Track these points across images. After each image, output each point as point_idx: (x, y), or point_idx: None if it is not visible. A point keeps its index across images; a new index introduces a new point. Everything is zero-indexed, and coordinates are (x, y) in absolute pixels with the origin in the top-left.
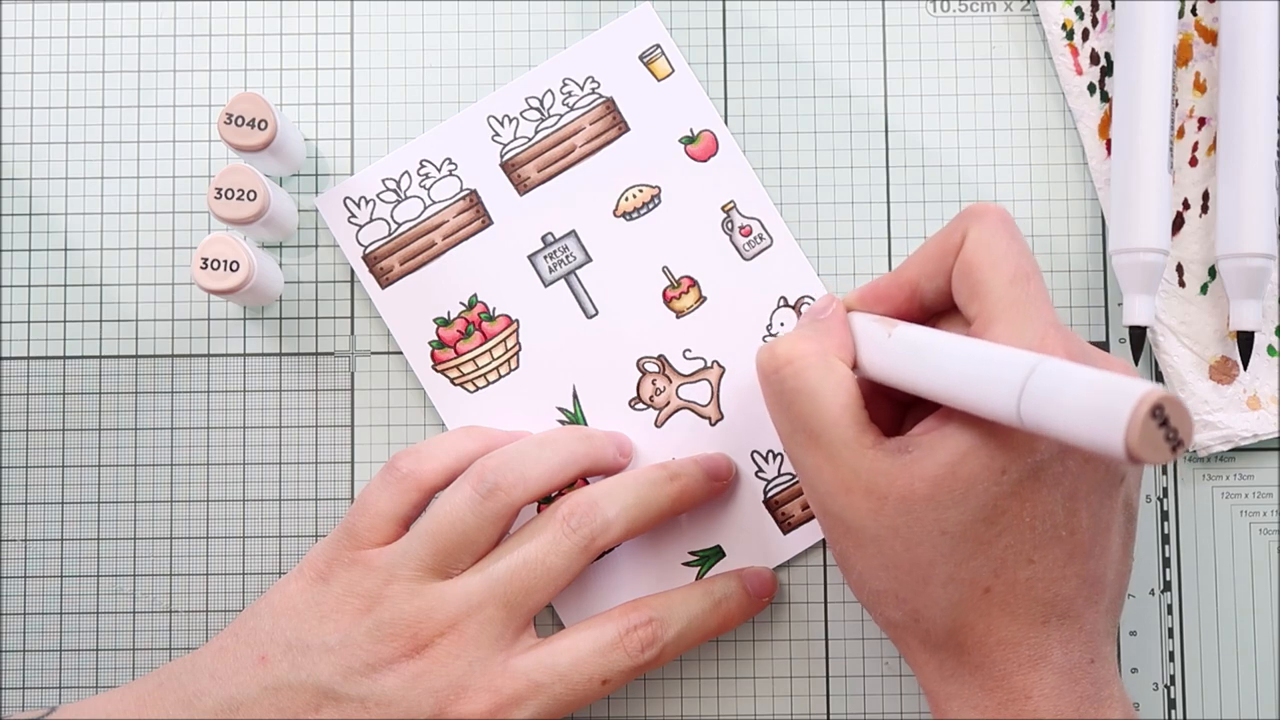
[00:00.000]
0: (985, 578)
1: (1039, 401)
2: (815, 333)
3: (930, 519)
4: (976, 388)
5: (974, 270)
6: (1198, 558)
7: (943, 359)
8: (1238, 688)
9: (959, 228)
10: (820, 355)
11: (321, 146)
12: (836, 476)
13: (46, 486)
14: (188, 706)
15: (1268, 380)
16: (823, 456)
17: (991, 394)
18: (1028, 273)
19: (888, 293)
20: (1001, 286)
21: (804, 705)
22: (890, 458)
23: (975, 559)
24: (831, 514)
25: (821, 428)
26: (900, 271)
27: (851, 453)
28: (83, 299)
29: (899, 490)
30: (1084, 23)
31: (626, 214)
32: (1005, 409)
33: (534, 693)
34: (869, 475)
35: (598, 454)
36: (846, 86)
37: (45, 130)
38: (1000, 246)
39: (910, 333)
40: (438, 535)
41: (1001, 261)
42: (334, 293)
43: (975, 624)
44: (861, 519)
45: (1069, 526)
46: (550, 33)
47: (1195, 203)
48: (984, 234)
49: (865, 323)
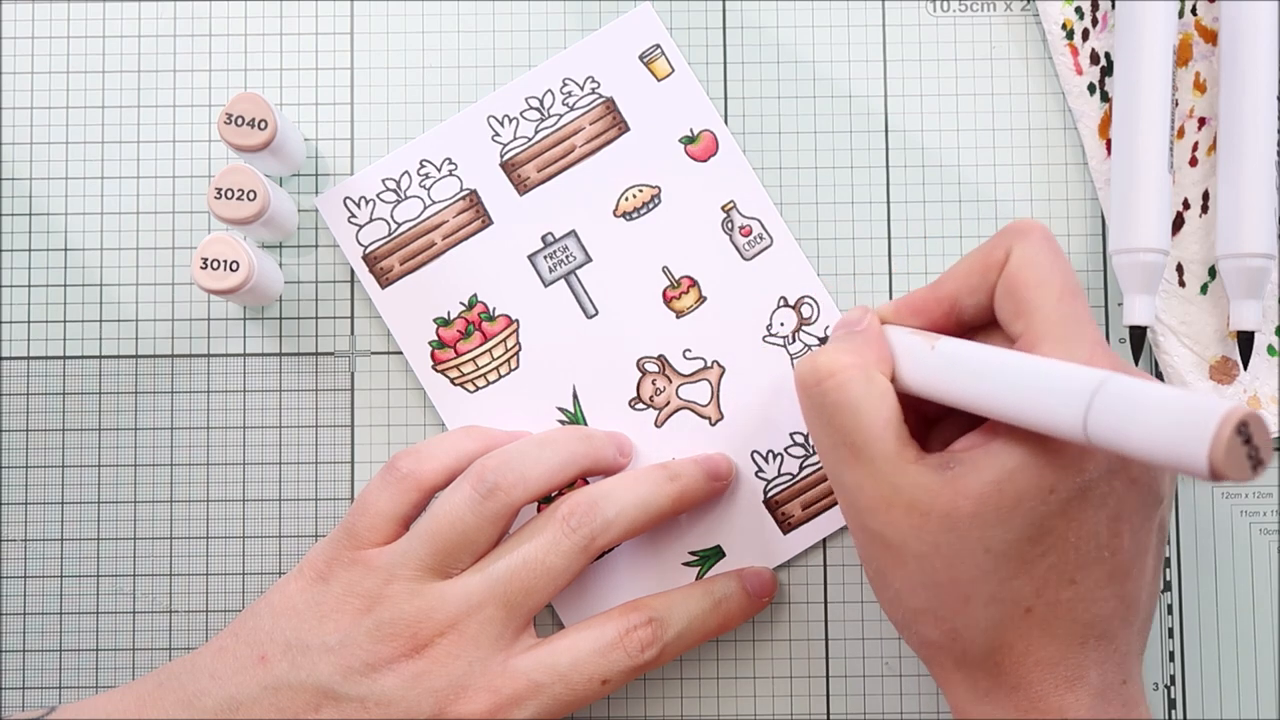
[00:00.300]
0: (1027, 597)
1: (1110, 417)
2: (855, 346)
3: (975, 537)
4: (1037, 402)
5: (1020, 288)
6: (1198, 558)
7: (997, 373)
8: (1238, 688)
9: (1002, 244)
10: (862, 369)
11: (321, 146)
12: (878, 492)
13: (46, 486)
14: (188, 706)
15: (1268, 380)
16: (864, 472)
17: (1054, 409)
18: (1075, 290)
19: (924, 306)
20: (1049, 304)
21: (804, 705)
22: (934, 473)
23: (1018, 578)
24: (870, 530)
25: (864, 442)
26: (938, 286)
27: (894, 468)
28: (83, 299)
29: (942, 507)
30: (1084, 23)
31: (626, 214)
32: (1070, 425)
33: (534, 693)
34: (911, 491)
35: (598, 454)
36: (846, 86)
37: (45, 130)
38: (1046, 264)
39: (955, 346)
40: (437, 535)
41: (1049, 279)
42: (334, 293)
43: (1015, 644)
44: (903, 536)
45: (1111, 547)
46: (550, 33)
47: (1195, 203)
48: (1029, 251)
49: (903, 335)
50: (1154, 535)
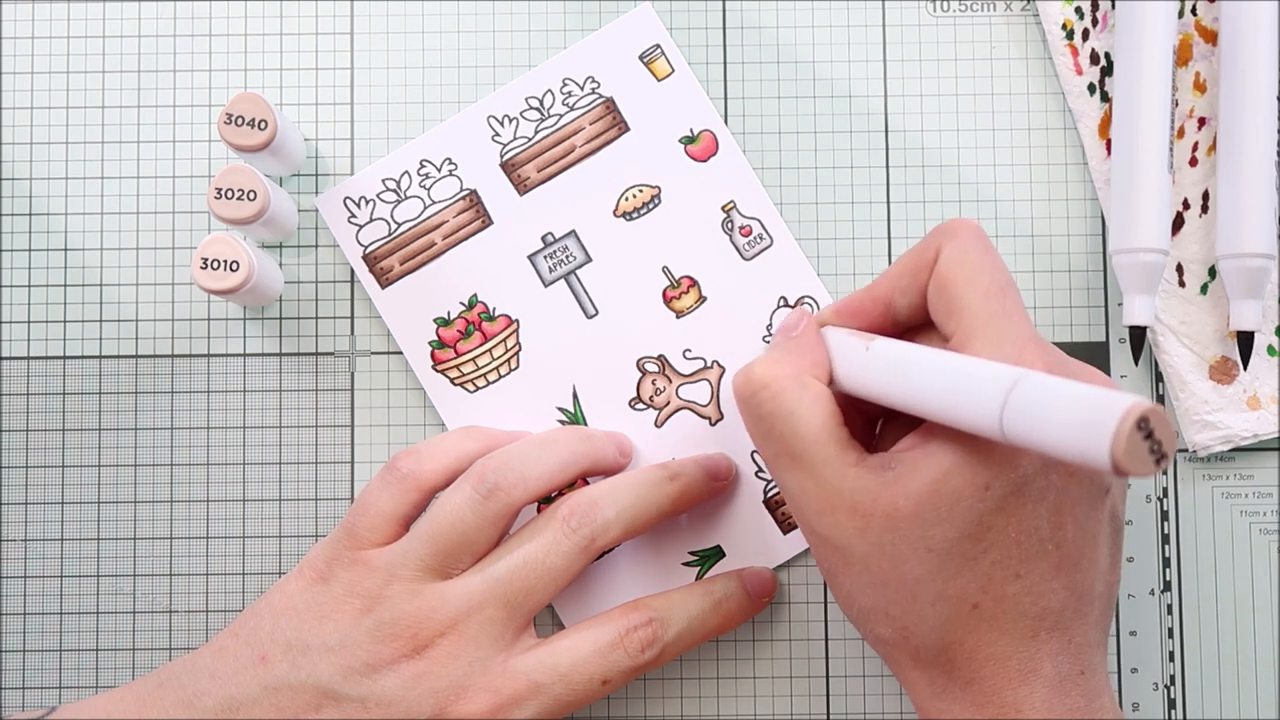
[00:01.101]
0: (973, 593)
1: (1022, 416)
2: (788, 353)
3: (916, 536)
4: (958, 402)
5: (949, 286)
6: (1198, 558)
7: (923, 373)
8: (1238, 688)
9: (932, 244)
10: (795, 376)
11: (321, 146)
12: (820, 496)
13: (46, 486)
14: (188, 706)
15: (1268, 380)
16: (805, 476)
17: (973, 408)
18: (1003, 287)
19: (862, 308)
20: (978, 302)
21: (804, 705)
22: (873, 475)
23: (962, 575)
24: (817, 533)
25: (802, 448)
26: (873, 287)
27: (834, 471)
28: (83, 299)
29: (883, 508)
30: (1084, 23)
31: (626, 214)
32: (988, 423)
33: (534, 693)
34: (852, 494)
35: (598, 454)
36: (846, 86)
37: (45, 130)
38: (975, 261)
39: (888, 347)
40: (438, 535)
41: (977, 277)
42: (334, 293)
43: (965, 640)
44: (847, 538)
45: (1055, 540)
46: (550, 33)
47: (1195, 203)
48: (958, 250)
49: (841, 337)
50: (1103, 525)
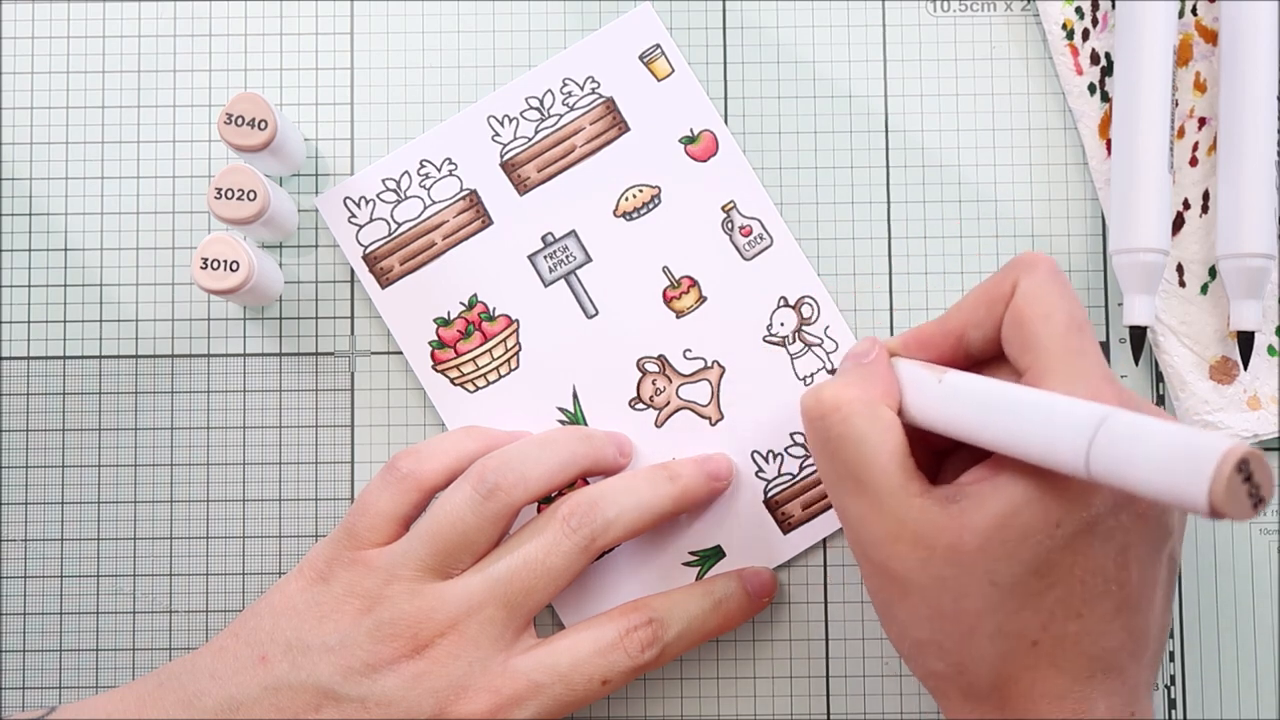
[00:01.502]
0: (1033, 631)
1: (1111, 453)
2: (861, 378)
3: (980, 571)
4: (1040, 437)
5: (1027, 322)
6: (1198, 558)
7: (1003, 407)
8: (1238, 688)
9: (1008, 278)
10: (867, 402)
11: (321, 146)
12: (883, 525)
13: (46, 486)
14: (188, 706)
15: (1268, 380)
16: (869, 504)
17: (1057, 444)
18: (1080, 324)
19: (932, 340)
20: (1056, 339)
21: (804, 705)
22: (939, 507)
23: (1024, 612)
24: (875, 562)
25: (869, 475)
26: (946, 320)
27: (899, 501)
28: (83, 299)
29: (947, 541)
30: (1084, 23)
31: (626, 214)
32: (1072, 460)
33: (534, 693)
34: (916, 525)
35: (598, 454)
36: (846, 86)
37: (45, 130)
38: (1053, 298)
39: (964, 380)
40: (438, 535)
41: (1055, 313)
42: (334, 293)
43: (1021, 677)
44: (908, 569)
45: (1119, 581)
46: (550, 33)
47: (1195, 203)
48: (1035, 285)
49: (911, 368)
50: (1163, 569)
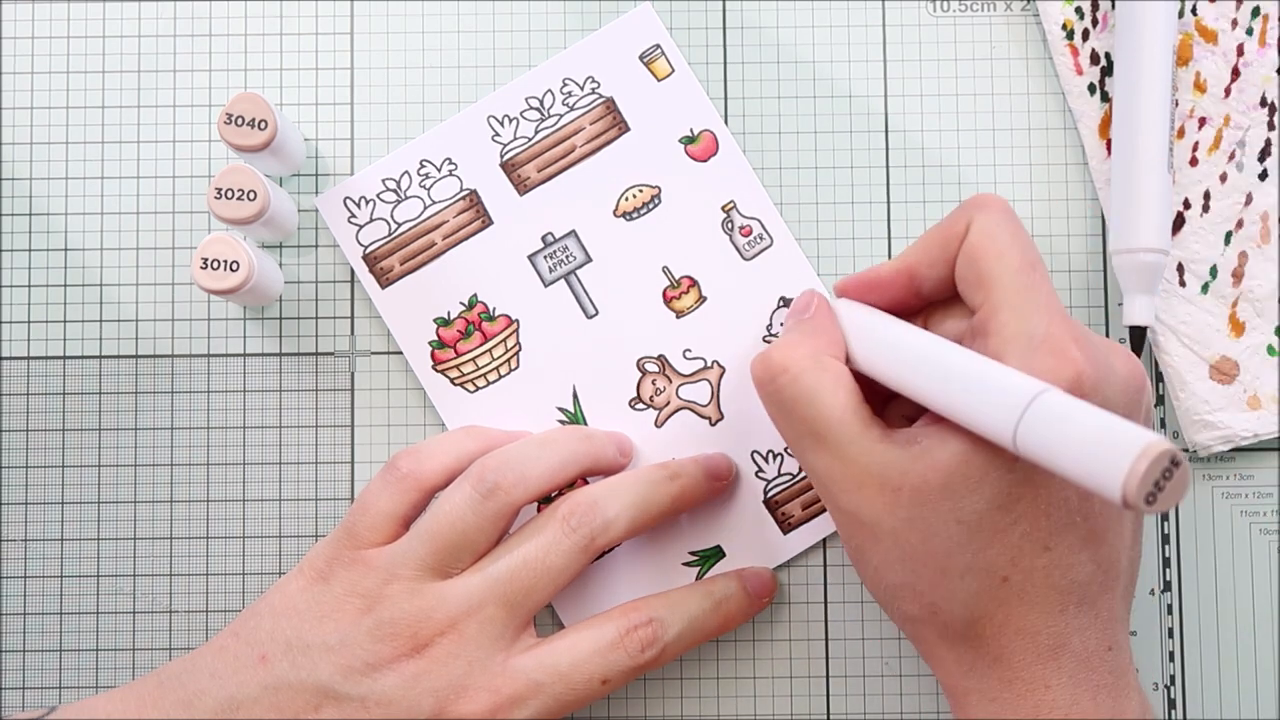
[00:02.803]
0: (1002, 566)
1: (1038, 433)
2: (804, 334)
3: (945, 509)
4: (972, 408)
5: (980, 259)
6: (1198, 558)
7: (940, 369)
8: (1238, 688)
9: (962, 217)
10: (813, 358)
11: (321, 146)
12: (847, 474)
13: (46, 486)
14: (188, 706)
15: (1268, 380)
16: (831, 456)
17: (987, 416)
18: (1033, 262)
19: (882, 281)
20: (1008, 275)
21: (804, 705)
22: (901, 450)
23: (992, 548)
24: (845, 511)
25: (826, 428)
26: (899, 259)
27: (860, 449)
28: (83, 299)
29: (912, 482)
30: (1084, 23)
31: (626, 214)
32: (1001, 434)
33: (534, 692)
34: (880, 469)
35: (598, 454)
36: (846, 86)
37: (45, 130)
38: (1006, 235)
39: (905, 333)
40: (438, 535)
41: (1008, 250)
42: (334, 293)
43: (994, 614)
44: (876, 513)
45: (1082, 512)
46: (550, 33)
47: (1196, 203)
48: (989, 223)
49: (856, 314)
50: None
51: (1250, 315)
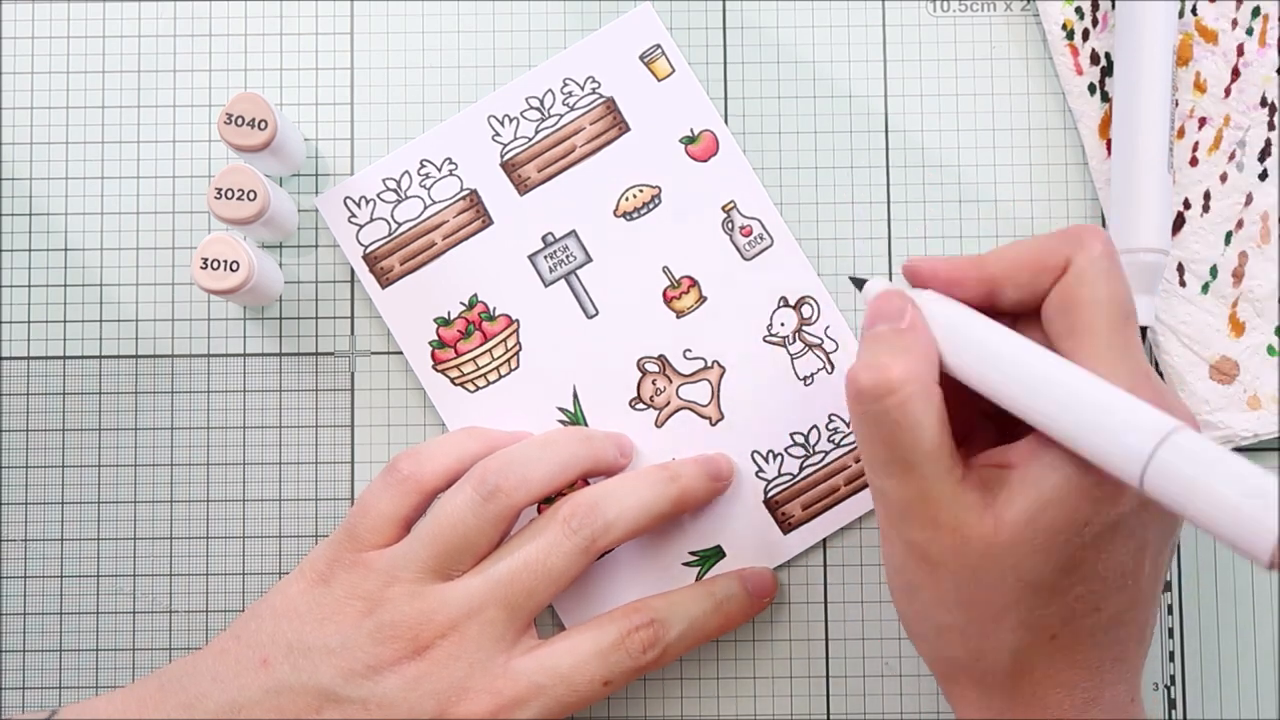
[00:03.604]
0: (1054, 625)
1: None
2: (907, 351)
3: (1010, 564)
4: (1098, 438)
5: (1077, 309)
6: (1198, 558)
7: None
8: (1238, 688)
9: (1062, 249)
10: (923, 384)
11: (321, 146)
12: (925, 509)
13: (46, 486)
14: (189, 709)
15: (1268, 380)
16: (914, 488)
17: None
18: (1130, 315)
19: (965, 280)
20: (1104, 331)
21: (804, 705)
22: (977, 494)
23: (1049, 606)
24: (912, 544)
25: (920, 461)
26: (984, 264)
27: (944, 488)
28: (83, 299)
29: (982, 532)
30: (1084, 23)
31: (627, 214)
32: (1127, 469)
33: (535, 694)
34: (955, 511)
35: (599, 455)
36: (846, 86)
37: (45, 130)
38: (1107, 284)
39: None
40: (439, 537)
41: (1108, 303)
42: (334, 293)
43: (1036, 667)
44: (942, 553)
45: (1134, 575)
46: (550, 33)
47: (1196, 202)
48: (1091, 268)
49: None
50: (1167, 560)
51: (1250, 315)
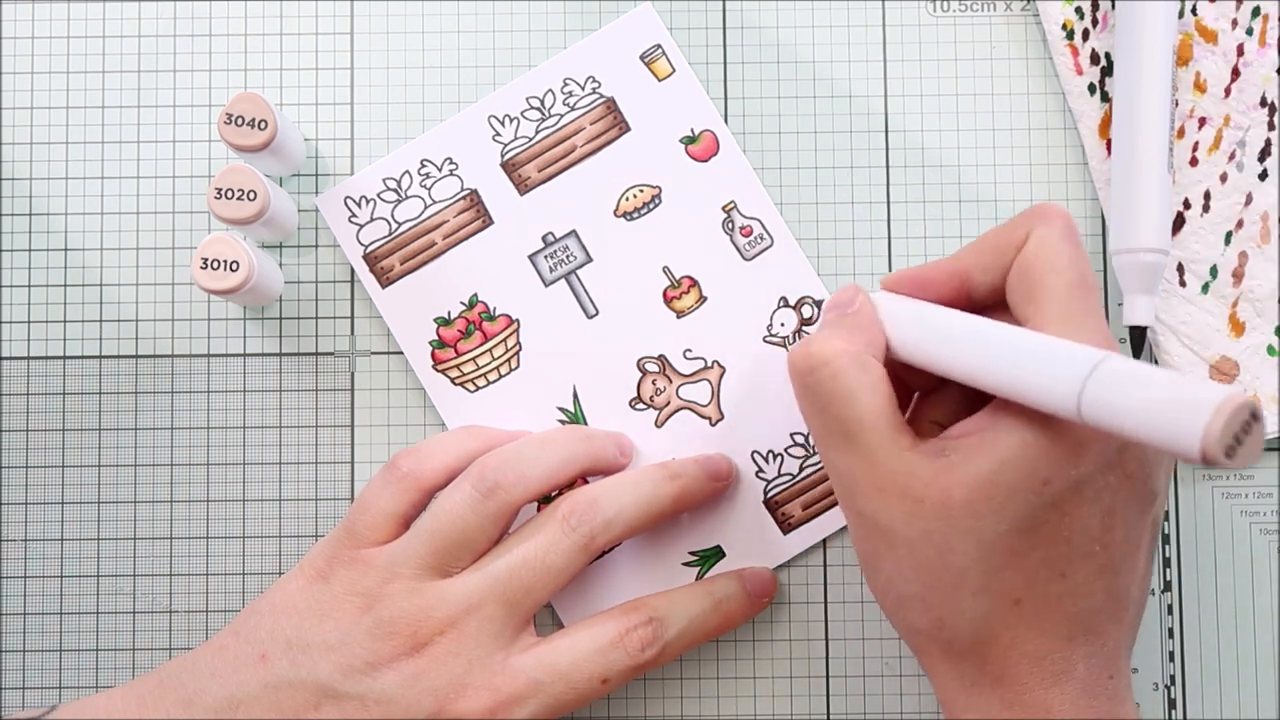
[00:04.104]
0: (1017, 589)
1: (1106, 396)
2: (847, 330)
3: (966, 526)
4: (1033, 376)
5: (1035, 273)
6: (1198, 558)
7: (997, 344)
8: (1238, 688)
9: (1023, 225)
10: (855, 356)
11: (321, 146)
12: (871, 478)
13: (46, 486)
14: (188, 705)
15: (1268, 380)
16: (858, 458)
17: (1050, 384)
18: (1089, 283)
19: (933, 281)
20: (1062, 293)
21: (804, 705)
22: (928, 460)
23: (1008, 570)
24: (864, 515)
25: (858, 430)
26: (952, 260)
27: (888, 454)
28: (83, 299)
29: (936, 495)
30: (1084, 23)
31: (627, 214)
32: (1065, 401)
33: (534, 691)
34: (905, 478)
35: (598, 453)
36: (846, 86)
37: (45, 130)
38: (1065, 252)
39: (956, 317)
40: (438, 534)
41: (1066, 268)
42: (334, 293)
43: (1001, 635)
44: (895, 521)
45: (1103, 542)
46: (550, 33)
47: (1196, 202)
48: (1050, 236)
49: (901, 304)
50: (1147, 532)
51: (1250, 315)
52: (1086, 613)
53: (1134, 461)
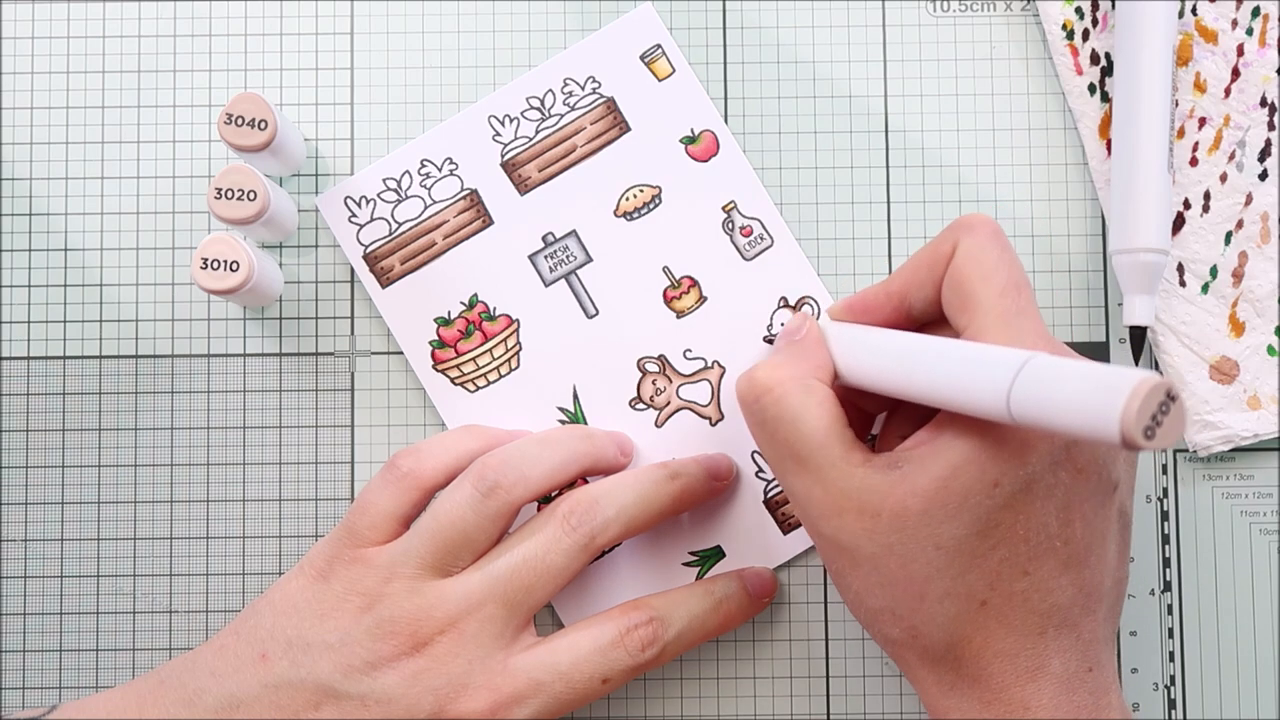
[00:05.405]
0: (981, 591)
1: (1030, 395)
2: (791, 356)
3: (924, 534)
4: (965, 385)
5: (965, 282)
6: (1198, 558)
7: (931, 359)
8: (1238, 688)
9: (949, 239)
10: (799, 380)
11: (321, 146)
12: (827, 498)
13: (46, 486)
14: (188, 705)
15: (1268, 380)
16: (811, 480)
17: (981, 390)
18: (1019, 284)
19: (875, 303)
20: (992, 298)
21: (804, 705)
22: (880, 475)
23: (970, 573)
24: (824, 536)
25: (808, 451)
26: (888, 282)
27: (840, 473)
28: (83, 299)
29: (891, 507)
30: (1084, 23)
31: (627, 214)
32: (994, 403)
33: (534, 691)
34: (860, 494)
35: (598, 453)
36: (846, 86)
37: (45, 130)
38: (991, 258)
39: (891, 336)
40: (438, 533)
41: (993, 273)
42: (334, 293)
43: (973, 637)
44: (855, 539)
45: (1063, 537)
46: (550, 33)
47: (1196, 203)
48: (975, 245)
49: (843, 330)
50: (1111, 522)
51: (1250, 315)
52: (1055, 608)
53: (1084, 456)
